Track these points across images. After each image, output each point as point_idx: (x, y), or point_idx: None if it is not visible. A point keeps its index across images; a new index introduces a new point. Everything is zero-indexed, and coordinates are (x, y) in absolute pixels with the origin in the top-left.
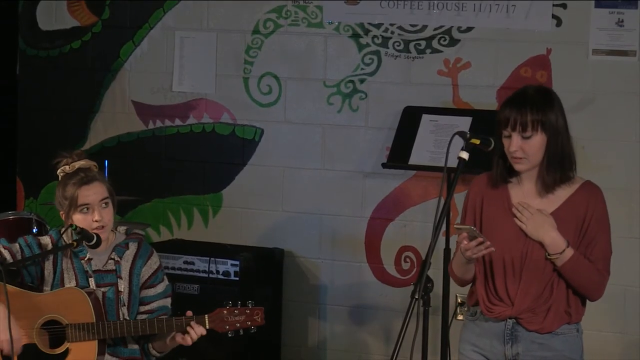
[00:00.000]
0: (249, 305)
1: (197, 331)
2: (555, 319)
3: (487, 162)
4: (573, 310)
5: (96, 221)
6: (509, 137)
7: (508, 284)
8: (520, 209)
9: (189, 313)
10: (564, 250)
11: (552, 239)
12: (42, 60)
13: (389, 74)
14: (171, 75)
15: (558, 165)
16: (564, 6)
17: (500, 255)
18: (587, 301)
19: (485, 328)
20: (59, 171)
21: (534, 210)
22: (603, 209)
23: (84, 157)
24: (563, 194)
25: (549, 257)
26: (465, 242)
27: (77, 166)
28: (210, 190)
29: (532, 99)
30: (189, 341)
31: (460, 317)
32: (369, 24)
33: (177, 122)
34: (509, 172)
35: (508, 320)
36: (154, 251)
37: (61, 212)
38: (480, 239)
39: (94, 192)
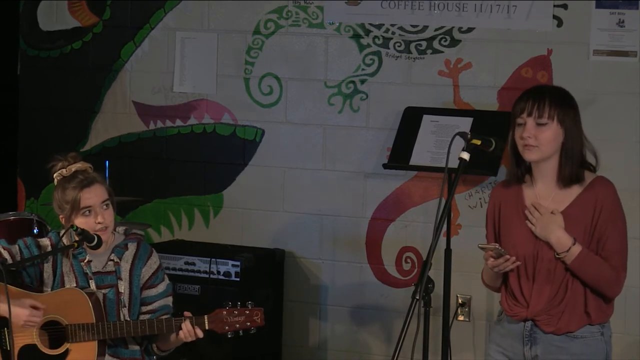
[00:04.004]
0: (249, 305)
1: (189, 332)
2: (571, 319)
3: (488, 163)
4: (593, 309)
5: (99, 223)
6: (523, 124)
7: (522, 286)
8: (531, 210)
9: (187, 314)
10: (570, 248)
11: (558, 237)
12: (43, 61)
13: (389, 75)
14: (172, 76)
15: (575, 160)
16: (565, 7)
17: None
18: (614, 301)
19: (507, 329)
20: (55, 175)
21: (544, 210)
22: (613, 203)
23: (79, 160)
24: (574, 192)
25: (557, 256)
26: (492, 260)
27: (73, 169)
28: (211, 190)
29: (551, 92)
30: (182, 338)
31: (460, 317)
32: (370, 24)
33: (178, 122)
34: (524, 173)
35: (526, 321)
36: (154, 251)
37: (61, 216)
38: (507, 257)
39: (95, 195)
